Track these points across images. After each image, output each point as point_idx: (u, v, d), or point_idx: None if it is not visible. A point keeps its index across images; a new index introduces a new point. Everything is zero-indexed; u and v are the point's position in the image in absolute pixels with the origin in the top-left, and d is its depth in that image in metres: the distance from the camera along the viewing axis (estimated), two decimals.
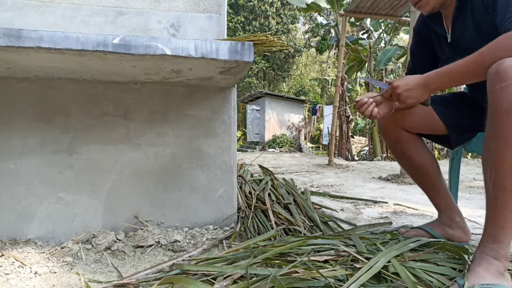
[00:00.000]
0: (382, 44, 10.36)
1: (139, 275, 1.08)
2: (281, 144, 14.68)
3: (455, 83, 1.08)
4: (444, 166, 1.38)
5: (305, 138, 15.78)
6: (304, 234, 1.41)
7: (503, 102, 0.89)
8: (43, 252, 1.30)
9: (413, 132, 1.35)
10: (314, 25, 19.61)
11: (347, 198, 2.50)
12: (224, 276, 0.97)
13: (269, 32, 1.41)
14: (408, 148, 1.36)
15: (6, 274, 1.11)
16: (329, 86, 18.08)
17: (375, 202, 2.40)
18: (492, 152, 0.92)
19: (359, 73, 10.23)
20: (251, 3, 21.82)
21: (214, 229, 1.52)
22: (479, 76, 1.00)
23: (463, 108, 1.31)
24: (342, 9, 7.60)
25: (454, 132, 1.31)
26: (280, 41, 1.33)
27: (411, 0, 1.20)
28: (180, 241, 1.38)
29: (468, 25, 1.15)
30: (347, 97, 9.69)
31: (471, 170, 4.71)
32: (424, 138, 1.41)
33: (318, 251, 1.12)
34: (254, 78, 22.72)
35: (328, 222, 1.67)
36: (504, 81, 0.89)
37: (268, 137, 15.67)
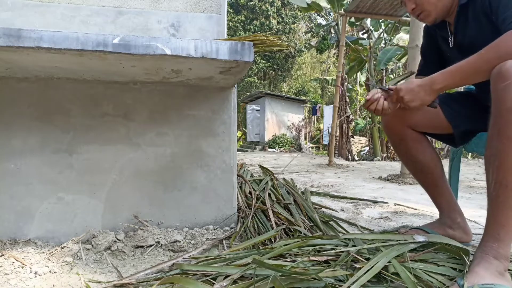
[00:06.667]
0: (382, 44, 10.34)
1: (139, 275, 1.08)
2: (281, 144, 14.68)
3: (460, 82, 1.08)
4: (444, 166, 1.38)
5: (305, 138, 15.78)
6: (304, 234, 1.41)
7: (506, 101, 0.90)
8: (43, 252, 1.30)
9: (418, 130, 1.35)
10: (314, 25, 19.61)
11: (347, 198, 2.50)
12: (224, 276, 0.97)
13: (270, 32, 1.41)
14: (412, 147, 1.36)
15: (6, 274, 1.11)
16: (329, 86, 18.08)
17: (375, 202, 2.40)
18: (495, 150, 0.92)
19: (358, 73, 10.22)
20: (251, 3, 21.81)
21: (214, 229, 1.52)
22: (482, 75, 1.01)
23: (470, 107, 1.31)
24: (342, 9, 7.59)
25: (460, 132, 1.31)
26: (281, 41, 1.33)
27: (413, 13, 1.21)
28: (180, 241, 1.38)
29: (469, 30, 1.16)
30: (347, 97, 9.68)
31: (471, 170, 4.71)
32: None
33: (319, 251, 1.12)
34: (255, 77, 22.71)
35: (329, 222, 1.67)
36: (507, 80, 0.89)
37: (268, 137, 15.67)
